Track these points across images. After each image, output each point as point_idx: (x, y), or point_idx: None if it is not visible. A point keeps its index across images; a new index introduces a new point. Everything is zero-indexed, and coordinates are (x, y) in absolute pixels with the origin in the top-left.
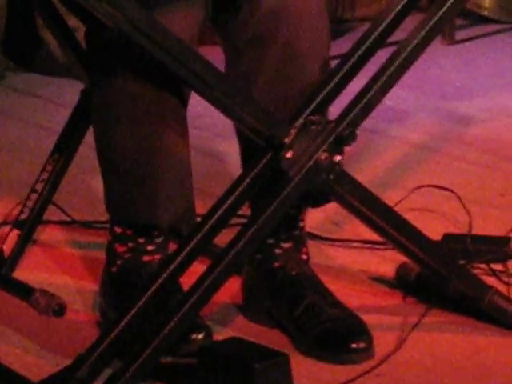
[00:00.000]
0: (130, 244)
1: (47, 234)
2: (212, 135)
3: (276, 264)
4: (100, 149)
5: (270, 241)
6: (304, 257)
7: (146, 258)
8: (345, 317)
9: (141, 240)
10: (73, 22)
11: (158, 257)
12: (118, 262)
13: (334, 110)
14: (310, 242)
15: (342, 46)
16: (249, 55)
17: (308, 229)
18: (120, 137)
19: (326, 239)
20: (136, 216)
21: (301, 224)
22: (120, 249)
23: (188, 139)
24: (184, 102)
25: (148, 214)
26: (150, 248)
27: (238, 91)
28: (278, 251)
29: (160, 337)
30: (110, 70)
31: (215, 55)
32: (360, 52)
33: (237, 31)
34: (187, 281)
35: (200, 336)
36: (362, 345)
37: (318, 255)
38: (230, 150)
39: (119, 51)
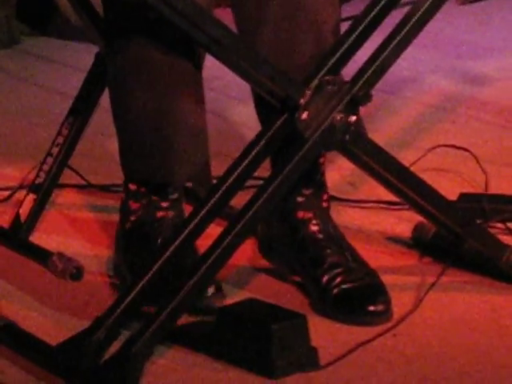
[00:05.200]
0: (144, 201)
1: (63, 197)
2: (227, 97)
3: (299, 214)
4: (116, 110)
5: None
6: (324, 204)
7: (159, 214)
8: (364, 277)
9: (155, 197)
10: None
11: (171, 213)
12: (132, 218)
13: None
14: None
15: (356, 6)
16: (252, 5)
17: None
18: (136, 100)
19: (342, 200)
20: (150, 174)
21: (321, 168)
22: (134, 206)
23: (204, 102)
24: (199, 66)
25: (162, 172)
26: (164, 205)
27: (253, 53)
28: (299, 199)
29: (177, 299)
30: (127, 35)
31: (231, 17)
32: (374, 12)
33: None
34: (204, 243)
35: (210, 290)
36: (380, 307)
37: (335, 216)
38: (245, 112)
39: (136, 16)
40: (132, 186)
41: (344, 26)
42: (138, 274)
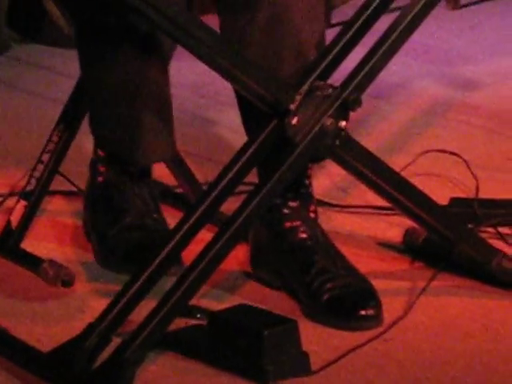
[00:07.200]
0: (111, 167)
1: (54, 204)
2: (217, 104)
3: (287, 224)
4: (86, 80)
5: (278, 201)
6: (312, 215)
7: (125, 178)
8: (355, 283)
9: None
10: None
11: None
12: (100, 179)
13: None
14: (317, 209)
15: (345, 12)
16: (239, 17)
17: (315, 195)
18: (105, 72)
19: (333, 205)
20: (117, 148)
21: (307, 181)
22: (102, 168)
23: (169, 75)
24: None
25: (129, 151)
26: (132, 170)
27: (242, 58)
28: (286, 211)
29: (168, 305)
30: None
31: (217, 24)
32: (364, 17)
33: None
34: (194, 248)
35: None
36: (370, 312)
37: (325, 221)
38: (236, 118)
39: None
40: (101, 153)
41: (334, 32)
42: (101, 233)
